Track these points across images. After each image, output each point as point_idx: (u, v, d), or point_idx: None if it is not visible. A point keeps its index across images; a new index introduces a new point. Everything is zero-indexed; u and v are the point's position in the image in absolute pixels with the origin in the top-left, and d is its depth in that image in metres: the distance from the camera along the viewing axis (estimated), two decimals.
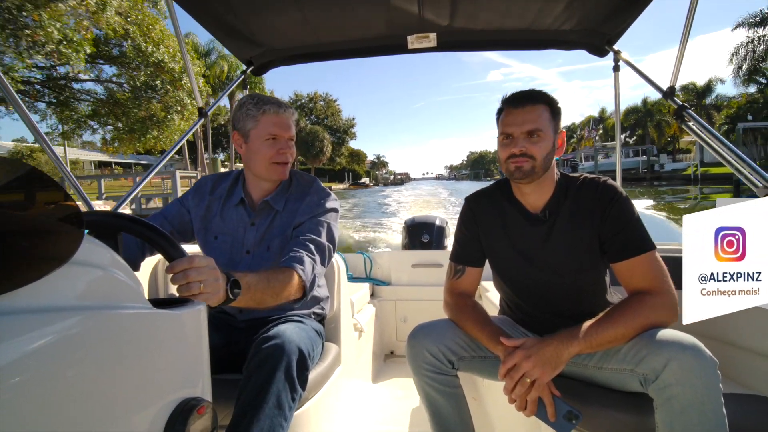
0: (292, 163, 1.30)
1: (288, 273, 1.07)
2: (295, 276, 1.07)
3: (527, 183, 1.11)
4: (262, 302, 0.98)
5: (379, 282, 2.74)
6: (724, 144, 1.41)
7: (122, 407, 0.49)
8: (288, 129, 1.26)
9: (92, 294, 0.49)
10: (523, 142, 1.07)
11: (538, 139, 1.07)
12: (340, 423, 1.48)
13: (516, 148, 1.07)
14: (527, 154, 1.06)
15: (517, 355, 0.93)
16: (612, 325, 0.93)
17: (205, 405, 0.59)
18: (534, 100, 1.08)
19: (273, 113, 1.22)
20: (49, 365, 0.41)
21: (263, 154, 1.23)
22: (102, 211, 1.32)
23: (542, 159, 1.07)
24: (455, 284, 1.25)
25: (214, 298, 0.77)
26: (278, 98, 1.29)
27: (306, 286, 1.11)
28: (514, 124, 1.08)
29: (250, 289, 0.91)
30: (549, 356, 0.91)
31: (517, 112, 1.09)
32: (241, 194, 1.31)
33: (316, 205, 1.28)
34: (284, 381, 0.97)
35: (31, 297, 0.42)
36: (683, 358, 0.83)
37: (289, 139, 1.26)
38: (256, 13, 1.71)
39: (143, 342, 0.53)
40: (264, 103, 1.23)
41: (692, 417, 0.81)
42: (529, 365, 0.91)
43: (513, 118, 1.09)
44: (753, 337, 1.14)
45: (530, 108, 1.07)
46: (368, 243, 8.91)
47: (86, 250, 0.49)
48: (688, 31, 1.54)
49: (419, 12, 1.72)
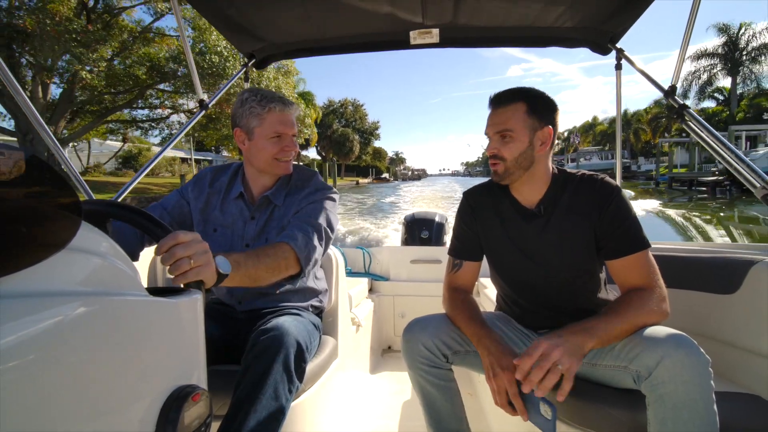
0: (294, 157, 1.29)
1: (280, 246, 1.06)
2: (287, 249, 1.06)
3: (506, 183, 1.14)
4: (258, 278, 0.96)
5: (378, 277, 2.75)
6: (724, 144, 1.39)
7: (117, 392, 0.49)
8: (292, 126, 1.26)
9: (90, 281, 0.50)
10: (495, 144, 1.09)
11: (509, 140, 1.07)
12: (336, 415, 1.50)
13: (489, 149, 1.10)
14: (498, 155, 1.08)
15: (543, 345, 0.88)
16: (620, 321, 0.93)
17: (200, 392, 0.59)
18: (507, 100, 1.09)
19: (279, 111, 1.22)
20: (45, 348, 0.41)
21: (268, 151, 1.23)
22: (90, 199, 1.36)
23: (513, 159, 1.08)
24: (453, 278, 1.26)
25: (207, 272, 0.75)
26: (281, 95, 1.28)
27: (301, 260, 1.08)
28: (488, 126, 1.12)
29: (240, 265, 0.90)
30: (575, 347, 0.88)
31: (491, 113, 1.11)
32: (240, 188, 1.31)
33: (313, 193, 1.28)
34: (282, 373, 0.98)
35: (29, 282, 0.42)
36: (676, 355, 0.82)
37: (293, 135, 1.26)
38: (258, 7, 1.71)
39: (139, 329, 0.53)
40: (269, 100, 1.22)
41: (684, 414, 0.81)
42: (558, 354, 0.86)
43: (489, 119, 1.12)
44: (746, 336, 1.13)
45: (502, 109, 1.09)
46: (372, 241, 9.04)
47: (85, 238, 0.50)
48: (690, 32, 1.54)
49: (422, 7, 1.72)
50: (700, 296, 1.28)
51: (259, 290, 1.28)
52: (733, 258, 1.25)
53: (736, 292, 1.18)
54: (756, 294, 1.12)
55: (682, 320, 1.21)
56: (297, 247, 1.08)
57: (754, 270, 1.14)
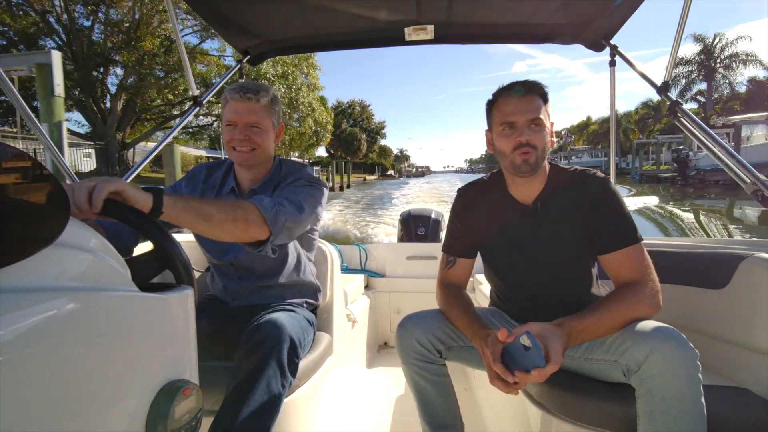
0: (256, 150, 1.24)
1: (243, 203, 0.99)
2: (250, 206, 0.98)
3: (530, 176, 1.10)
4: (211, 217, 0.88)
5: (374, 274, 2.76)
6: (715, 140, 1.40)
7: (107, 387, 0.50)
8: (246, 115, 1.22)
9: (79, 276, 0.50)
10: (527, 132, 1.05)
11: (539, 128, 1.06)
12: (331, 410, 1.50)
13: (522, 137, 1.05)
14: (530, 143, 1.05)
15: (530, 325, 0.90)
16: (606, 316, 0.93)
17: (191, 387, 0.60)
18: (533, 89, 1.08)
19: (233, 101, 1.22)
20: (35, 343, 0.41)
21: (224, 138, 1.25)
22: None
23: (542, 149, 1.07)
24: (446, 275, 1.26)
25: (109, 186, 0.70)
26: (255, 85, 1.25)
27: (267, 219, 0.99)
28: (517, 113, 1.06)
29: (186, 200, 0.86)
30: (565, 347, 0.88)
31: (519, 100, 1.07)
32: (232, 183, 1.32)
33: (297, 180, 1.25)
34: (275, 368, 0.98)
35: (18, 277, 0.42)
36: (665, 349, 0.84)
37: (248, 125, 1.22)
38: (253, 3, 1.71)
39: (129, 325, 0.54)
40: (230, 91, 1.23)
41: (672, 407, 0.82)
42: (539, 329, 0.88)
43: (515, 107, 1.07)
44: (736, 330, 1.14)
45: (530, 97, 1.06)
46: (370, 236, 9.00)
47: (74, 234, 0.50)
48: (682, 29, 1.54)
49: (417, 4, 1.73)
50: (691, 291, 1.30)
51: (253, 286, 1.30)
52: (724, 253, 1.26)
53: (726, 287, 1.19)
54: (746, 289, 1.13)
55: (672, 314, 1.23)
56: (261, 206, 1.00)
57: (744, 265, 1.15)
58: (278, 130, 1.32)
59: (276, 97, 1.29)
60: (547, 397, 1.08)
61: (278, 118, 1.31)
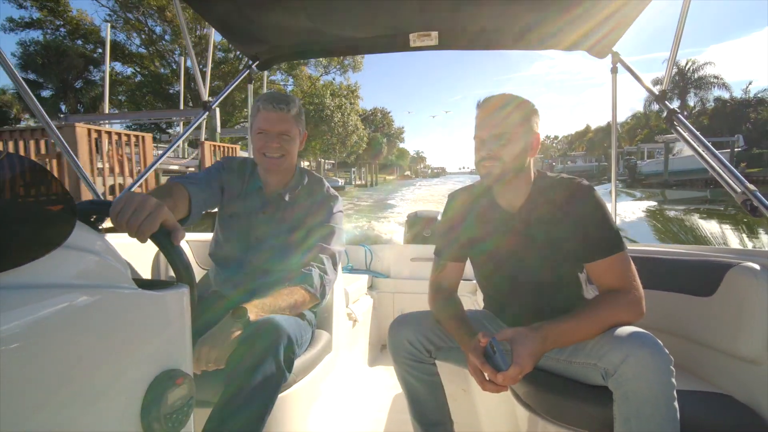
0: (285, 156, 1.35)
1: (297, 291, 1.20)
2: (302, 293, 1.21)
3: (498, 184, 1.15)
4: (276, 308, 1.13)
5: (378, 274, 2.80)
6: (708, 149, 1.43)
7: (107, 374, 0.54)
8: (278, 124, 1.31)
9: (84, 275, 0.55)
10: (491, 146, 1.10)
11: (506, 141, 1.09)
12: (328, 406, 1.54)
13: (484, 151, 1.11)
14: (495, 157, 1.10)
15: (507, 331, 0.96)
16: (585, 321, 0.97)
17: (184, 376, 0.64)
18: (502, 104, 1.11)
19: (265, 110, 1.31)
20: (42, 334, 0.46)
21: (255, 145, 1.33)
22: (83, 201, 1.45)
23: (511, 161, 1.10)
24: (436, 278, 1.30)
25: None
26: (285, 96, 1.35)
27: (318, 296, 1.24)
28: (483, 128, 1.12)
29: (264, 306, 1.11)
30: (537, 351, 0.92)
31: (487, 116, 1.12)
32: (259, 182, 1.41)
33: (326, 209, 1.38)
34: (271, 363, 1.02)
35: (30, 276, 0.47)
36: (641, 354, 0.87)
37: (279, 133, 1.31)
38: (261, 11, 1.75)
39: (129, 318, 0.58)
40: (261, 101, 1.32)
41: (646, 409, 0.85)
42: (512, 334, 0.95)
43: (482, 121, 1.13)
44: (722, 338, 1.15)
45: (498, 112, 1.11)
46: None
47: (80, 237, 0.55)
48: (678, 39, 1.57)
49: (421, 10, 1.76)
50: (679, 298, 1.31)
51: (256, 282, 1.35)
52: (711, 261, 1.27)
53: (713, 295, 1.20)
54: (732, 297, 1.14)
55: (660, 321, 1.26)
56: (312, 289, 1.23)
57: (730, 273, 1.16)
58: (302, 138, 1.43)
59: (301, 107, 1.40)
60: (533, 398, 1.11)
61: (303, 127, 1.42)
